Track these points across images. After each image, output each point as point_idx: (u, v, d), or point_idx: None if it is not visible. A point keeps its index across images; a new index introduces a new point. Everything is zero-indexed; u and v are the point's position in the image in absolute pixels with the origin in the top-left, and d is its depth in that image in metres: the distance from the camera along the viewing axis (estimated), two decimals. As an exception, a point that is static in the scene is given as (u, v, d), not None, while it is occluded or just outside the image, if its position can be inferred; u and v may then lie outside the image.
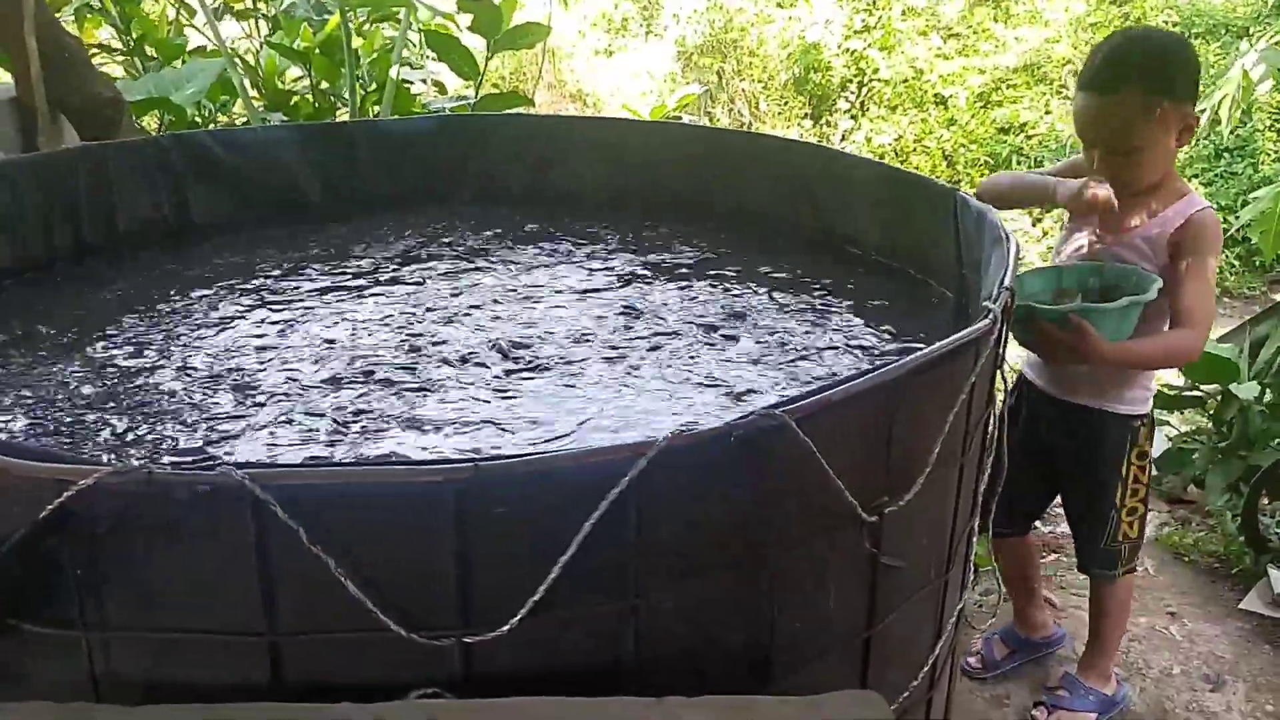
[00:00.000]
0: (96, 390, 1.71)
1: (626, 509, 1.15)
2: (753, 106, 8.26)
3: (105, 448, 1.52)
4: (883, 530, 1.38)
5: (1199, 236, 2.05)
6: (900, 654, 1.55)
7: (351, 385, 1.72)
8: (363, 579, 1.12)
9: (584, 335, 1.93)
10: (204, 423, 1.60)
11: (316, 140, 2.74)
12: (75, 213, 2.33)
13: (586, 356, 1.84)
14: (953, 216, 2.05)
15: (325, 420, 1.60)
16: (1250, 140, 6.55)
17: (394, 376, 1.75)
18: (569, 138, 2.87)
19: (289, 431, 1.57)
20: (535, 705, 1.15)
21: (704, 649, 1.30)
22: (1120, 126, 2.00)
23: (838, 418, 1.26)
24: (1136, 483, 2.23)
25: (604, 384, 1.73)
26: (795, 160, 2.57)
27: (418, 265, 2.34)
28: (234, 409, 1.64)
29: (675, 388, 1.73)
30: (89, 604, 1.14)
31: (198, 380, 1.75)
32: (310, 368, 1.79)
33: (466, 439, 1.54)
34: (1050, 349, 1.94)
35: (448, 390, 1.70)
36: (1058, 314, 1.88)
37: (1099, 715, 2.36)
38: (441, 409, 1.64)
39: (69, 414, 1.62)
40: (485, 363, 1.81)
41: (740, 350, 1.88)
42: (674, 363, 1.82)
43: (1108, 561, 2.28)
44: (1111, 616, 2.36)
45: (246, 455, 1.49)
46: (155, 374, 1.77)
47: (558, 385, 1.73)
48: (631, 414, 1.63)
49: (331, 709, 1.13)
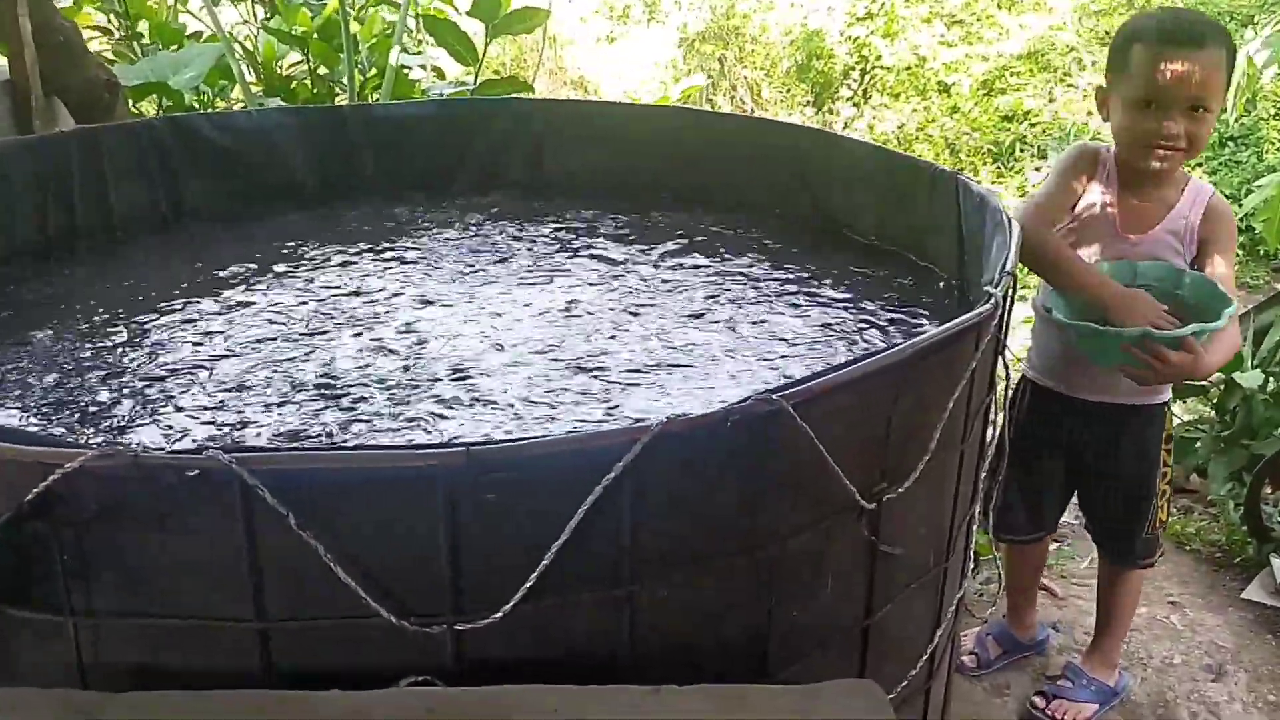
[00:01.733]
0: (87, 375, 1.69)
1: (621, 494, 1.13)
2: (755, 94, 8.22)
3: (93, 432, 1.51)
4: (881, 518, 1.36)
5: (1221, 222, 2.03)
6: (899, 643, 1.54)
7: (348, 371, 1.70)
8: (353, 565, 1.10)
9: (570, 323, 1.92)
10: (194, 408, 1.58)
11: (313, 124, 2.71)
12: (69, 196, 2.31)
13: (568, 341, 1.82)
14: (954, 200, 2.03)
15: (321, 406, 1.58)
16: (1255, 129, 6.51)
17: (392, 364, 1.74)
18: (565, 122, 2.84)
19: (283, 419, 1.55)
20: (528, 693, 1.13)
21: (700, 637, 1.28)
22: (1204, 82, 1.92)
23: (836, 403, 1.24)
24: (1165, 466, 2.24)
25: (597, 370, 1.72)
26: (794, 144, 2.55)
27: (416, 251, 2.32)
28: (226, 395, 1.63)
29: (668, 372, 1.71)
30: (76, 589, 1.13)
31: (190, 365, 1.73)
32: (305, 352, 1.78)
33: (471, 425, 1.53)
34: (1157, 372, 1.87)
35: (449, 379, 1.69)
36: (1178, 338, 1.82)
37: (1100, 706, 2.35)
38: (440, 396, 1.62)
39: (57, 399, 1.61)
40: (487, 359, 1.80)
41: (737, 335, 1.87)
42: (667, 346, 1.80)
43: (1147, 550, 2.28)
44: (1128, 606, 2.36)
45: (242, 441, 1.48)
46: (148, 358, 1.76)
47: (559, 375, 1.71)
48: (627, 400, 1.61)
49: (322, 696, 1.12)
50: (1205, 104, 1.94)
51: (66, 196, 2.31)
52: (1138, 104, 1.97)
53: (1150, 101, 1.96)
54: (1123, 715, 2.37)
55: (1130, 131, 2.01)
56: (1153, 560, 2.31)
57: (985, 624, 2.56)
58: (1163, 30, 1.96)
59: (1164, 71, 1.94)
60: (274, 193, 2.62)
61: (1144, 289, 1.97)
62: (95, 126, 2.47)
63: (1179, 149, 1.97)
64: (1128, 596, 2.36)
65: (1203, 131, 1.97)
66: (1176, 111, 1.95)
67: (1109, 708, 2.37)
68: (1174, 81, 1.93)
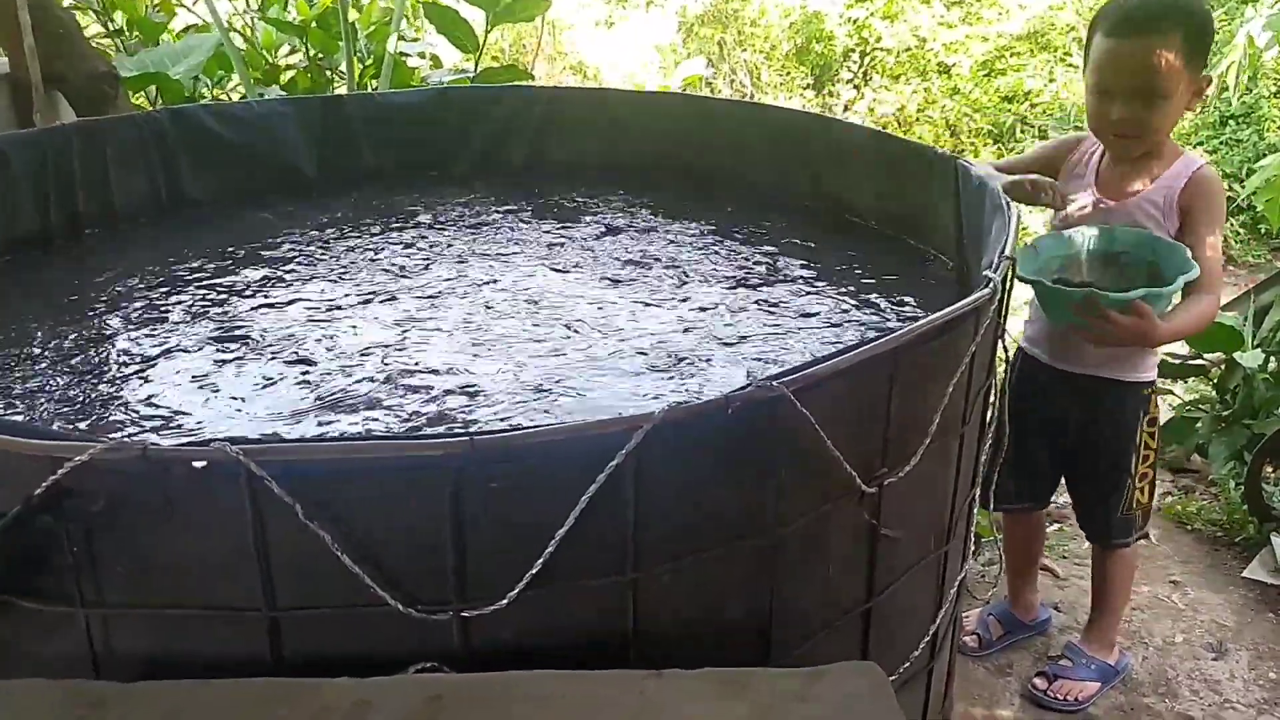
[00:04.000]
0: (93, 367, 1.70)
1: (624, 482, 1.14)
2: (754, 77, 8.19)
3: (102, 425, 1.52)
4: (882, 501, 1.38)
5: (1207, 196, 2.04)
6: (901, 625, 1.55)
7: (349, 360, 1.71)
8: (359, 554, 1.11)
9: (579, 307, 1.92)
10: (204, 400, 1.60)
11: (313, 113, 2.71)
12: (70, 189, 2.31)
13: (579, 323, 1.83)
14: (953, 184, 2.03)
15: (330, 396, 1.59)
16: (1256, 107, 6.48)
17: (396, 351, 1.75)
18: (565, 109, 2.84)
19: (292, 409, 1.56)
20: (534, 679, 1.15)
21: (703, 622, 1.29)
22: (1152, 69, 1.95)
23: (836, 389, 1.25)
24: (1148, 449, 2.24)
25: (595, 355, 1.73)
26: (793, 128, 2.55)
27: (415, 237, 2.33)
28: (234, 387, 1.64)
29: (668, 358, 1.72)
30: (86, 581, 1.14)
31: (196, 357, 1.74)
32: (313, 345, 1.78)
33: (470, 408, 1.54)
34: (1108, 333, 1.88)
35: (450, 368, 1.70)
36: (1124, 300, 1.82)
37: (1101, 684, 2.37)
38: (441, 385, 1.63)
39: (65, 392, 1.62)
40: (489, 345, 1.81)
41: (738, 320, 1.87)
42: (670, 331, 1.81)
43: (1123, 530, 2.29)
44: (1118, 585, 2.37)
45: (246, 432, 1.49)
46: (155, 351, 1.77)
47: (560, 359, 1.72)
48: (623, 386, 1.62)
49: (331, 683, 1.13)
50: (1157, 92, 1.96)
51: (68, 189, 2.31)
52: (1095, 90, 2.03)
53: (1105, 89, 2.01)
54: (1124, 694, 2.38)
55: (1091, 118, 2.08)
56: (1128, 541, 2.30)
57: (987, 605, 2.58)
58: (1117, 18, 2.00)
59: (1114, 60, 1.99)
60: (275, 182, 2.62)
61: (1119, 255, 2.00)
62: (96, 119, 2.47)
63: (1134, 135, 2.02)
64: (1117, 576, 2.36)
65: (1154, 118, 1.99)
66: (1126, 99, 1.99)
67: (1110, 686, 2.39)
68: (1123, 70, 1.98)
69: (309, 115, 2.68)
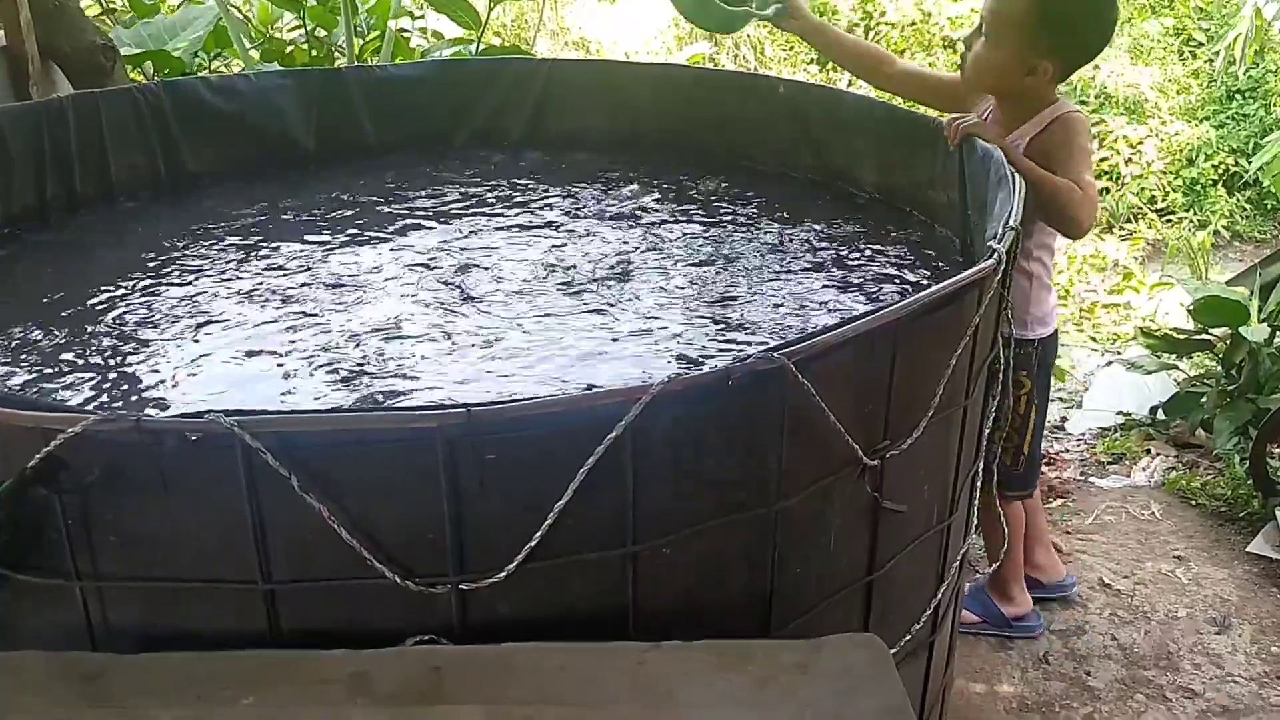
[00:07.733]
0: (90, 341, 1.69)
1: (623, 454, 1.13)
2: (758, 52, 8.14)
3: (96, 397, 1.51)
4: (884, 474, 1.37)
5: (1058, 132, 2.05)
6: (903, 599, 1.55)
7: (355, 335, 1.70)
8: (356, 526, 1.11)
9: (583, 276, 1.91)
10: (200, 373, 1.59)
11: (312, 86, 2.69)
12: (67, 162, 2.30)
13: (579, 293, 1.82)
14: (957, 156, 2.01)
15: (329, 368, 1.58)
16: (1262, 81, 6.44)
17: (397, 328, 1.74)
18: (565, 81, 2.82)
19: (290, 381, 1.55)
20: (533, 651, 1.14)
21: (704, 594, 1.29)
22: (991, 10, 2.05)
23: (838, 360, 1.24)
24: (1033, 405, 2.24)
25: (589, 328, 1.71)
26: (796, 101, 2.52)
27: (418, 210, 2.31)
28: (231, 359, 1.63)
29: (672, 330, 1.70)
30: (81, 554, 1.13)
31: (193, 330, 1.73)
32: (305, 314, 1.77)
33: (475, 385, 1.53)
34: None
35: (453, 338, 1.69)
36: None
37: (983, 621, 2.43)
38: (440, 356, 1.62)
39: (61, 365, 1.61)
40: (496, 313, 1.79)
41: (739, 292, 1.86)
42: (673, 303, 1.80)
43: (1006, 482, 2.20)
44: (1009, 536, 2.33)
45: (244, 404, 1.48)
46: (150, 324, 1.76)
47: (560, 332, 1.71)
48: (625, 355, 1.61)
49: (328, 655, 1.13)
50: (987, 34, 2.05)
51: (65, 162, 2.29)
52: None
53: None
54: (1126, 667, 2.38)
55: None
56: (1011, 495, 2.29)
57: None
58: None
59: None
60: (274, 156, 2.60)
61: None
62: (93, 92, 2.45)
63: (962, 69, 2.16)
64: (1008, 528, 2.30)
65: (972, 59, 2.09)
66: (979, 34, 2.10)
67: (1001, 634, 2.43)
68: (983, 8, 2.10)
69: (308, 88, 2.65)
